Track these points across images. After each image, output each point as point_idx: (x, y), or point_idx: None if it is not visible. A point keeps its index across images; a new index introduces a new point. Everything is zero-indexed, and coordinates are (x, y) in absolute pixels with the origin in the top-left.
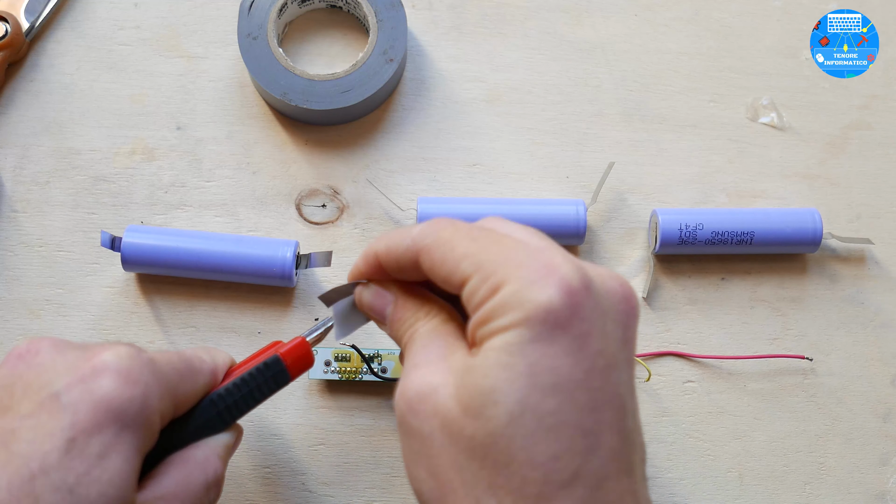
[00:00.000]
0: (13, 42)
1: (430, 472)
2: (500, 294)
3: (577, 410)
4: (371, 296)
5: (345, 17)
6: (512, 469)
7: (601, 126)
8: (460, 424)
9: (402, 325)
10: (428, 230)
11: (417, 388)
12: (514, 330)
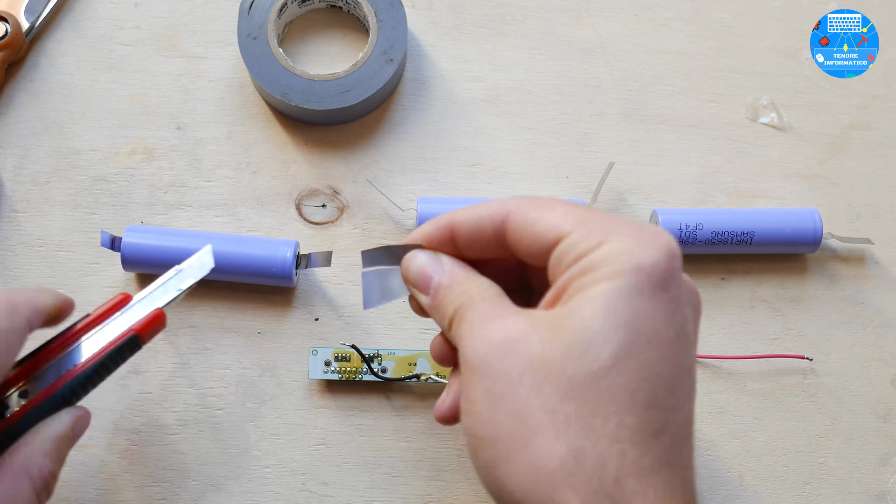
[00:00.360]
0: (13, 42)
1: (515, 413)
2: (605, 248)
3: (668, 368)
4: (424, 261)
5: (345, 17)
6: (610, 411)
7: (601, 126)
8: (560, 366)
9: (451, 294)
10: (514, 198)
11: (506, 334)
12: (619, 280)
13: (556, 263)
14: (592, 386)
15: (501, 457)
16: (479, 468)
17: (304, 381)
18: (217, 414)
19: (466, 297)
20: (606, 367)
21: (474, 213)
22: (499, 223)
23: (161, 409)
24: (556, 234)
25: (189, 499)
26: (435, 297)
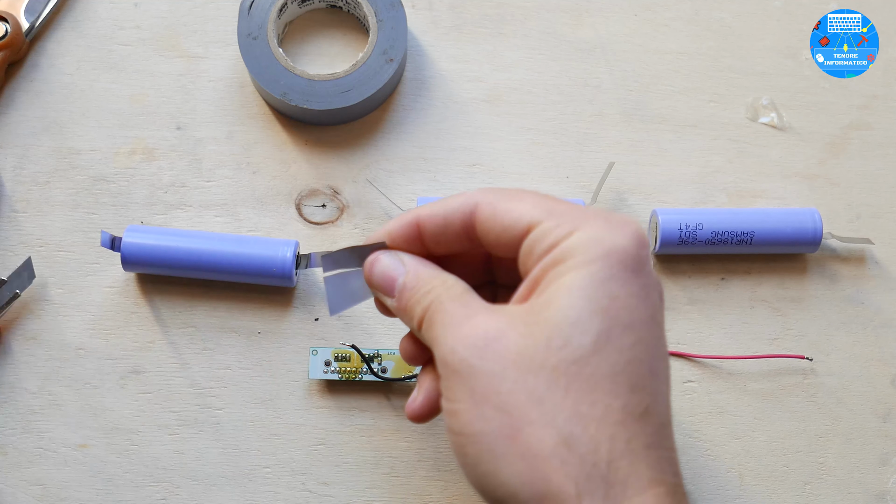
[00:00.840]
0: (13, 42)
1: (501, 408)
2: (576, 236)
3: (646, 351)
4: (387, 262)
5: (345, 17)
6: (595, 397)
7: (601, 126)
8: (542, 358)
9: (416, 294)
10: (481, 190)
11: (482, 332)
12: (593, 267)
13: (527, 253)
14: (576, 374)
15: (490, 451)
16: (467, 466)
17: (304, 381)
18: (217, 414)
19: (434, 296)
20: (588, 354)
21: (441, 206)
22: (467, 215)
23: (161, 409)
24: (527, 224)
25: (189, 499)
26: (400, 299)
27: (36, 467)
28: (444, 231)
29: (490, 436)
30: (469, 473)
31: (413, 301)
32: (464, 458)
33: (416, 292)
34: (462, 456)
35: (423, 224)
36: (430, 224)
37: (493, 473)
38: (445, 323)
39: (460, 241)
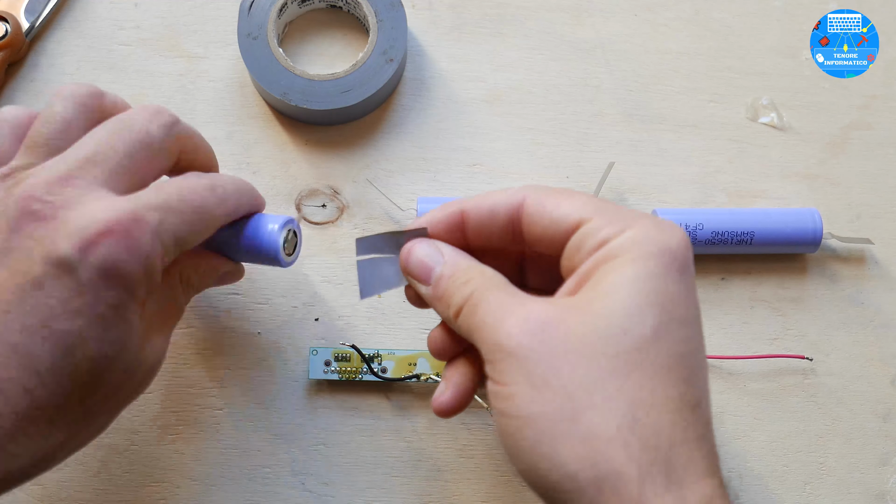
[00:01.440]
0: (13, 42)
1: (561, 391)
2: (629, 234)
3: (696, 346)
4: (425, 250)
5: (345, 17)
6: (655, 384)
7: (601, 126)
8: (602, 345)
9: (455, 283)
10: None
11: (540, 317)
12: (649, 262)
13: (575, 248)
14: (637, 362)
15: (550, 433)
16: (522, 450)
17: (304, 381)
18: (217, 414)
19: (476, 284)
20: (647, 344)
21: (487, 198)
22: (514, 207)
23: (161, 409)
24: (577, 220)
25: (189, 499)
26: (437, 287)
27: None
28: (489, 223)
29: (550, 418)
30: (523, 458)
31: (452, 289)
32: (519, 441)
33: (455, 280)
34: (517, 440)
35: (468, 214)
36: (476, 214)
37: (550, 456)
38: (494, 310)
39: (503, 234)
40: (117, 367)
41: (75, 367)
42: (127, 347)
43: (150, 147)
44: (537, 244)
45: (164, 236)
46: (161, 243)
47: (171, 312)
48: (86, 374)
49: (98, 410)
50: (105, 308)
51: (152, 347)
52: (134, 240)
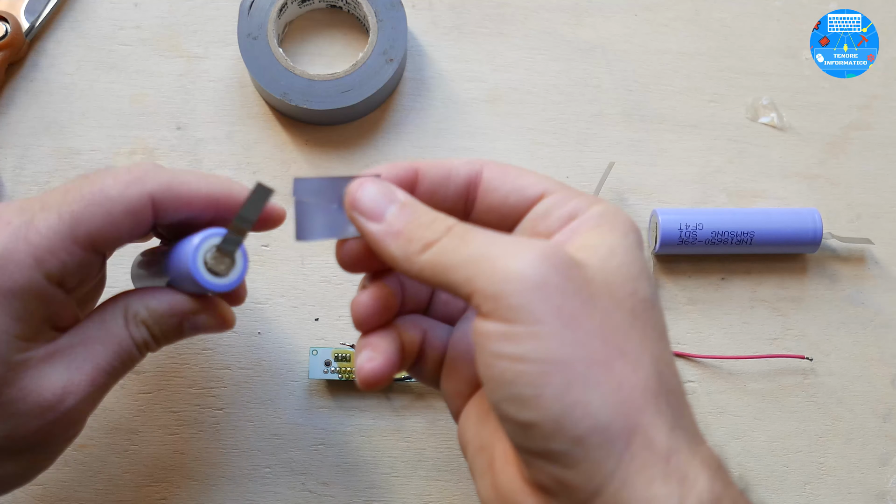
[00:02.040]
0: (13, 42)
1: (594, 333)
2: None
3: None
4: (380, 187)
5: (345, 17)
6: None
7: (601, 126)
8: (620, 297)
9: (419, 219)
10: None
11: (564, 254)
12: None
13: (540, 216)
14: (647, 319)
15: (583, 378)
16: (544, 399)
17: (304, 381)
18: (217, 414)
19: (451, 221)
20: (650, 307)
21: (446, 162)
22: (473, 174)
23: (161, 409)
24: (541, 190)
25: (189, 499)
26: (395, 222)
27: None
28: (444, 185)
29: (584, 362)
30: (544, 407)
31: (416, 224)
32: (541, 389)
33: (420, 218)
34: (538, 387)
35: (422, 174)
36: (432, 175)
37: (582, 404)
38: (495, 241)
39: (456, 199)
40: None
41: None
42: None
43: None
44: (489, 213)
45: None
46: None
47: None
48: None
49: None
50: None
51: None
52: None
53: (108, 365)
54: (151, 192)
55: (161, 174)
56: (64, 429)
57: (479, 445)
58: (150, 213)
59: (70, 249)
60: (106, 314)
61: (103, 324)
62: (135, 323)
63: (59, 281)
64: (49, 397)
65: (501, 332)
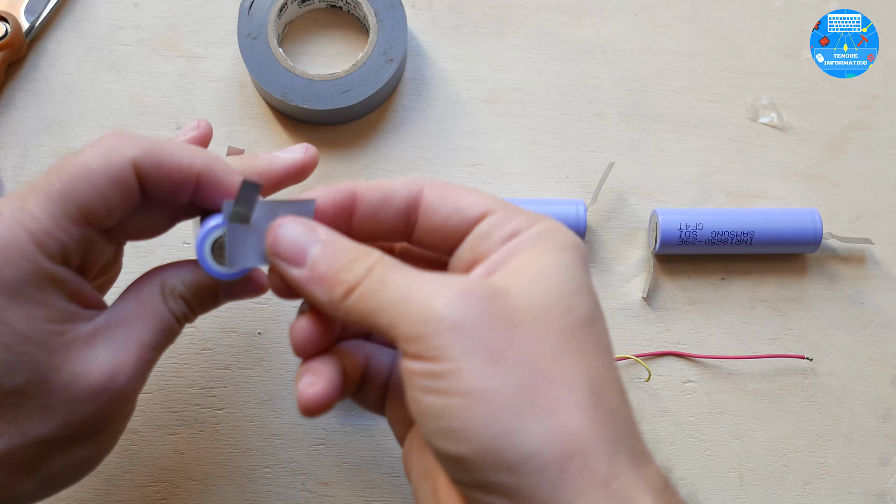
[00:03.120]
0: (13, 42)
1: (521, 362)
2: (540, 226)
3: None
4: (297, 230)
5: (345, 17)
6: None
7: (601, 126)
8: (552, 318)
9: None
10: (420, 178)
11: (484, 289)
12: (571, 253)
13: (482, 237)
14: (584, 338)
15: (509, 408)
16: (470, 431)
17: None
18: (217, 414)
19: (372, 260)
20: (589, 323)
21: (384, 184)
22: (413, 196)
23: (161, 409)
24: (483, 210)
25: (189, 499)
26: (316, 268)
27: None
28: (383, 208)
29: (509, 391)
30: (472, 439)
31: (338, 267)
32: (467, 422)
33: (341, 259)
34: (464, 420)
35: (360, 197)
36: (370, 197)
37: (510, 433)
38: (414, 283)
39: (395, 222)
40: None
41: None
42: (15, 350)
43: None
44: (431, 234)
45: (28, 219)
46: (25, 227)
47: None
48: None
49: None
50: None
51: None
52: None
53: (152, 341)
54: (133, 157)
55: (141, 141)
56: (119, 408)
57: (422, 472)
58: (135, 180)
59: (65, 227)
60: (142, 291)
61: (141, 300)
62: (172, 297)
63: (63, 260)
64: (100, 378)
65: (426, 370)
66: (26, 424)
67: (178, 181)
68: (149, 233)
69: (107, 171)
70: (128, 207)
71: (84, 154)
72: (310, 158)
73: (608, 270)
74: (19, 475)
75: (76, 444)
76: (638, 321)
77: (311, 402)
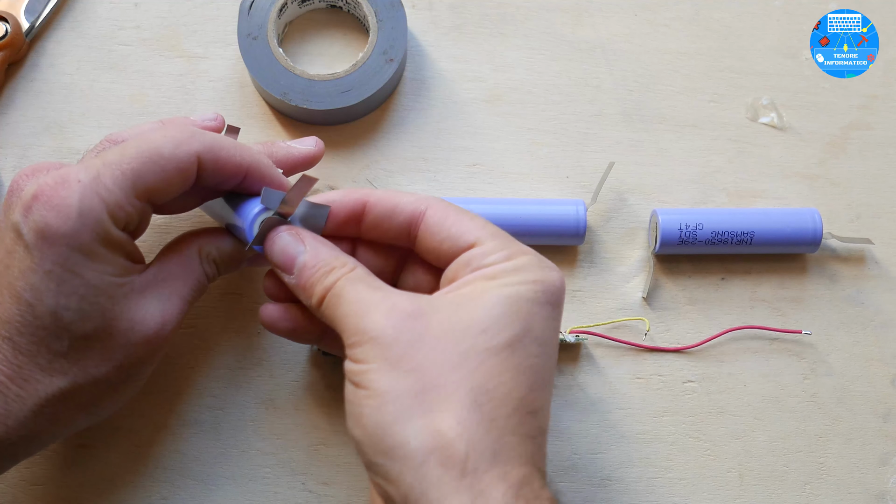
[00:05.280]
0: (13, 42)
1: (413, 371)
2: (514, 262)
3: (545, 366)
4: (287, 240)
5: (345, 17)
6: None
7: (601, 126)
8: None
9: (317, 273)
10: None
11: (406, 309)
12: (522, 287)
13: (463, 264)
14: (487, 358)
15: (394, 405)
16: (365, 418)
17: (304, 381)
18: (217, 414)
19: (338, 275)
20: (501, 347)
21: (393, 196)
22: (416, 214)
23: (161, 410)
24: (473, 239)
25: (189, 499)
26: (300, 277)
27: (36, 467)
28: (388, 219)
29: (399, 392)
30: (364, 425)
31: (314, 279)
32: (365, 410)
33: (317, 271)
34: (363, 408)
35: (370, 206)
36: (378, 209)
37: (392, 424)
38: (358, 300)
39: (398, 234)
40: (87, 319)
41: (37, 317)
42: (88, 300)
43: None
44: (427, 252)
45: (103, 190)
46: (101, 197)
47: (182, 281)
48: (51, 324)
49: (90, 361)
50: (52, 265)
51: (147, 309)
52: (60, 199)
53: (189, 296)
54: (198, 151)
55: (205, 137)
56: (159, 353)
57: None
58: (195, 171)
59: (132, 202)
60: (183, 254)
61: (182, 261)
62: (207, 261)
63: (125, 227)
64: (154, 326)
65: (351, 368)
66: (90, 366)
67: (229, 174)
68: (183, 209)
69: (175, 160)
70: (182, 190)
71: (155, 140)
72: (320, 151)
73: (608, 270)
74: (79, 410)
75: (124, 384)
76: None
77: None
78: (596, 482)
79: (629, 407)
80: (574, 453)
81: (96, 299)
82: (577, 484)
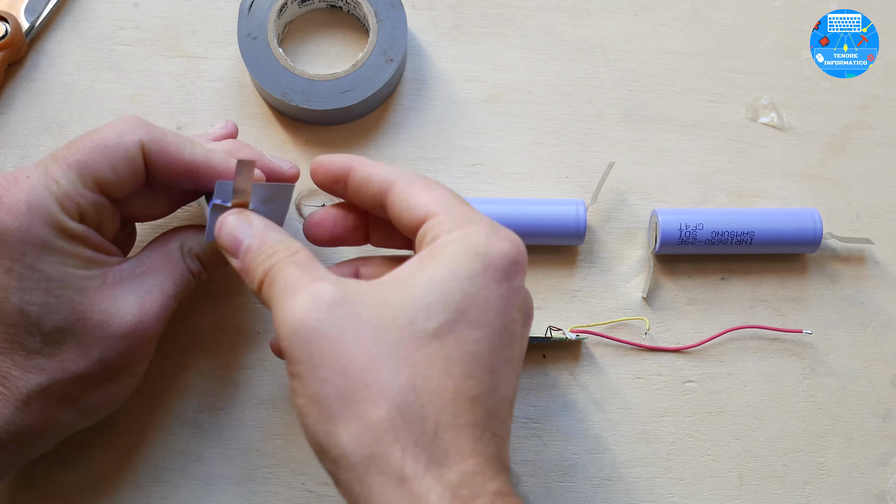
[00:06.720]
0: (13, 42)
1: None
2: (455, 234)
3: (488, 351)
4: (234, 223)
5: (345, 17)
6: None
7: (601, 126)
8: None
9: (259, 256)
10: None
11: (326, 297)
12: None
13: (420, 239)
14: (415, 351)
15: (328, 412)
16: (308, 427)
17: None
18: (217, 414)
19: (276, 259)
20: (429, 337)
21: (371, 167)
22: (384, 186)
23: (162, 409)
24: (425, 214)
25: (189, 499)
26: (244, 261)
27: (36, 467)
28: (364, 187)
29: (328, 398)
30: (309, 435)
31: (255, 263)
32: (305, 419)
33: (259, 255)
34: (304, 417)
35: (353, 172)
36: (357, 175)
37: (329, 434)
38: (287, 286)
39: (374, 202)
40: (54, 312)
41: (5, 316)
42: (53, 293)
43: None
44: (400, 227)
45: (51, 183)
46: (49, 190)
47: (164, 276)
48: (20, 321)
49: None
50: (10, 262)
51: (123, 301)
52: (10, 197)
53: (172, 290)
54: (141, 139)
55: (151, 128)
56: (144, 348)
57: None
58: (142, 160)
59: (81, 193)
60: (165, 248)
61: (164, 255)
62: (190, 256)
63: (81, 219)
64: (130, 319)
65: (288, 368)
66: (67, 360)
67: (181, 169)
68: (154, 214)
69: (121, 149)
70: (135, 182)
71: (102, 132)
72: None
73: (608, 270)
74: (61, 406)
75: (109, 381)
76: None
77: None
78: (596, 482)
79: (629, 407)
80: (574, 453)
81: (61, 292)
82: (577, 484)
